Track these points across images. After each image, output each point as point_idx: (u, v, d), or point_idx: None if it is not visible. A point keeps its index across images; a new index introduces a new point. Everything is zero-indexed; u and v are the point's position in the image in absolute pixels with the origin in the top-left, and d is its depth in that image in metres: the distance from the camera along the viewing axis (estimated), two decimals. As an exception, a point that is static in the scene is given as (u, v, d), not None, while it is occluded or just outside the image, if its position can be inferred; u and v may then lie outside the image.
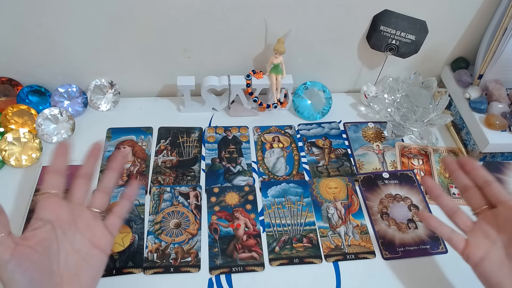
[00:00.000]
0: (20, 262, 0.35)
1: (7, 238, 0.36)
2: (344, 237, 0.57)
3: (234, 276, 0.52)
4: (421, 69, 0.76)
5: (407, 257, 0.55)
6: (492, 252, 0.42)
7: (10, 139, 0.61)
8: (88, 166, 0.45)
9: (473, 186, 0.46)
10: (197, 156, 0.66)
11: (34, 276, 0.36)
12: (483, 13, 0.67)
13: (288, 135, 0.70)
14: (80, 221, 0.42)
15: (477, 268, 0.42)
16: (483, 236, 0.43)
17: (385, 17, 0.66)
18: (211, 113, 0.73)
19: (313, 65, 0.74)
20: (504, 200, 0.43)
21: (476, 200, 0.45)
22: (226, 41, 0.68)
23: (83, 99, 0.71)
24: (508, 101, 0.67)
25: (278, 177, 0.64)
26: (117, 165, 0.47)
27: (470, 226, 0.45)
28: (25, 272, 0.35)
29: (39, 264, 0.37)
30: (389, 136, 0.71)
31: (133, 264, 0.52)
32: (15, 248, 0.36)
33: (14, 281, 0.35)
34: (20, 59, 0.66)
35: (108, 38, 0.65)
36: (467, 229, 0.45)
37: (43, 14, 0.60)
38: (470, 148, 0.68)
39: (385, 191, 0.63)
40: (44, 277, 0.37)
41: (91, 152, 0.45)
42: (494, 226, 0.43)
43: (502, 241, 0.42)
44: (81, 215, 0.42)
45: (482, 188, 0.45)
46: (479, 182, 0.45)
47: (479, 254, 0.42)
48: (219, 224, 0.57)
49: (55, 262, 0.39)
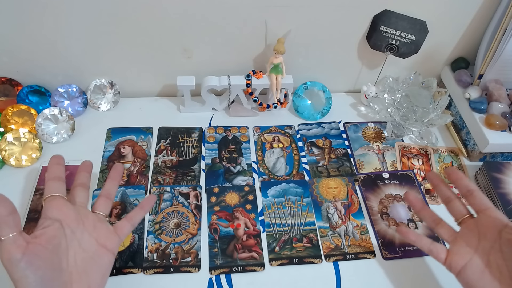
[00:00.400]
0: (32, 260, 0.36)
1: (19, 236, 0.37)
2: (344, 237, 0.57)
3: (234, 276, 0.52)
4: (421, 69, 0.76)
5: (407, 257, 0.55)
6: (474, 260, 0.43)
7: (10, 139, 0.61)
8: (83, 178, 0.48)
9: (455, 198, 0.47)
10: (197, 156, 0.66)
11: (45, 274, 0.37)
12: (483, 13, 0.67)
13: (288, 135, 0.70)
14: (87, 221, 0.43)
15: (460, 276, 0.43)
16: (465, 244, 0.44)
17: (385, 17, 0.66)
18: (211, 113, 0.73)
19: (313, 65, 0.74)
20: (484, 208, 0.44)
21: (458, 210, 0.47)
22: (226, 41, 0.68)
23: (83, 99, 0.71)
24: (508, 101, 0.67)
25: (278, 177, 0.64)
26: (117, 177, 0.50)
27: (453, 236, 0.46)
28: (36, 270, 0.36)
29: (50, 262, 0.38)
30: (389, 136, 0.71)
31: (133, 264, 0.52)
32: (26, 246, 0.37)
33: (26, 279, 0.36)
34: (20, 59, 0.66)
35: (108, 38, 0.65)
36: (450, 239, 0.46)
37: (43, 14, 0.60)
38: (470, 148, 0.68)
39: (385, 191, 0.63)
40: (54, 275, 0.38)
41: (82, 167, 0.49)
42: (476, 234, 0.44)
43: (483, 249, 0.43)
44: (86, 216, 0.44)
45: (465, 197, 0.46)
46: (463, 191, 0.47)
47: (461, 263, 0.43)
48: (219, 224, 0.57)
49: (65, 260, 0.40)
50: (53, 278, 0.38)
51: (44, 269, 0.37)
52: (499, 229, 0.42)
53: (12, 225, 0.37)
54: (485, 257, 0.42)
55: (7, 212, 0.37)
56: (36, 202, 0.57)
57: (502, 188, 0.60)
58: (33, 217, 0.55)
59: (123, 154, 0.65)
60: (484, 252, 0.42)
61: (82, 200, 0.45)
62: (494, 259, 0.41)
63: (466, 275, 0.42)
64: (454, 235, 0.46)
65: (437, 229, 0.48)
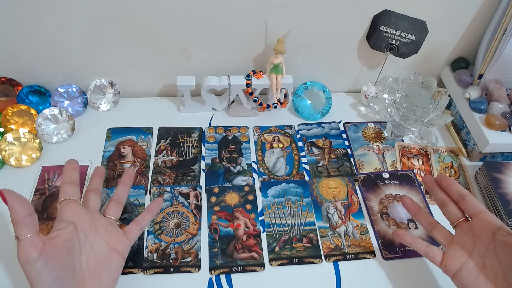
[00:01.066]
0: (48, 260, 0.38)
1: (36, 237, 0.38)
2: (344, 237, 0.57)
3: (234, 276, 0.52)
4: (421, 69, 0.76)
5: (407, 257, 0.55)
6: (469, 262, 0.43)
7: (10, 139, 0.61)
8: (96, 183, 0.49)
9: (450, 201, 0.48)
10: (197, 156, 0.66)
11: (60, 274, 0.38)
12: (483, 13, 0.67)
13: (288, 135, 0.70)
14: (99, 225, 0.45)
15: (455, 278, 0.44)
16: (460, 247, 0.45)
17: (385, 17, 0.66)
18: (211, 113, 0.73)
19: (313, 65, 0.74)
20: (477, 212, 0.45)
21: (453, 213, 0.47)
22: (226, 41, 0.68)
23: (83, 99, 0.71)
24: (508, 101, 0.67)
25: (278, 177, 0.64)
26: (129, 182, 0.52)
27: (449, 239, 0.47)
28: (52, 270, 0.37)
29: (65, 263, 0.39)
30: (389, 136, 0.71)
31: (133, 264, 0.52)
32: (43, 247, 0.38)
33: (41, 278, 0.37)
34: (21, 59, 0.66)
35: (108, 38, 0.65)
36: (445, 242, 0.47)
37: (43, 14, 0.60)
38: (470, 148, 0.68)
39: (385, 191, 0.63)
40: (68, 276, 0.39)
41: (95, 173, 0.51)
42: (471, 237, 0.44)
43: (478, 251, 0.43)
44: (99, 220, 0.45)
45: (458, 202, 0.47)
46: (455, 197, 0.47)
47: (456, 265, 0.44)
48: (219, 224, 0.57)
49: (78, 263, 0.41)
50: (67, 279, 0.39)
51: (59, 269, 0.38)
52: (493, 231, 0.43)
53: (30, 225, 0.38)
54: (480, 259, 0.43)
55: (26, 213, 0.38)
56: (36, 202, 0.57)
57: (502, 188, 0.60)
58: (33, 217, 0.55)
59: (123, 154, 0.65)
60: (479, 254, 0.43)
61: (95, 204, 0.47)
62: (489, 261, 0.42)
63: (461, 277, 0.43)
64: (449, 238, 0.47)
65: (432, 233, 0.49)
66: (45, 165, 0.61)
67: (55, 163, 0.62)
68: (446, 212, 0.48)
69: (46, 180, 0.60)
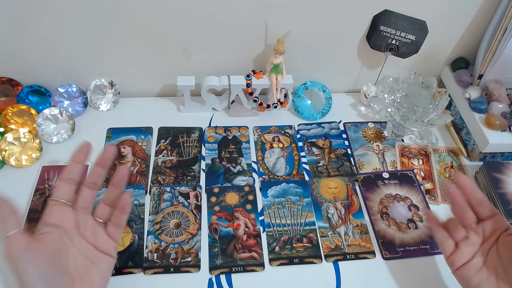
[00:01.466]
0: (34, 256, 0.38)
1: (21, 235, 0.38)
2: (344, 237, 0.57)
3: (234, 276, 0.52)
4: (421, 69, 0.76)
5: (407, 257, 0.55)
6: (474, 259, 0.45)
7: (10, 139, 0.61)
8: (94, 176, 0.45)
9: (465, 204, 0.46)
10: (197, 156, 0.66)
11: (47, 271, 0.38)
12: (483, 13, 0.67)
13: (288, 135, 0.70)
14: (85, 228, 0.44)
15: (457, 272, 0.45)
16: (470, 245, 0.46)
17: (385, 17, 0.66)
18: (211, 113, 0.73)
19: (313, 65, 0.74)
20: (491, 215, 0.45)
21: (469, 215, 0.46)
22: (226, 41, 0.68)
23: (83, 99, 0.71)
24: (508, 101, 0.67)
25: (278, 177, 0.64)
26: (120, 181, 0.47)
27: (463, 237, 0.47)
28: (38, 266, 0.37)
29: (52, 261, 0.39)
30: (389, 136, 0.71)
31: (133, 264, 0.52)
32: (28, 244, 0.38)
33: (28, 274, 0.37)
34: (21, 59, 0.66)
35: (108, 38, 0.65)
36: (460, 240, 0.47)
37: (43, 14, 0.60)
38: (470, 148, 0.68)
39: (385, 191, 0.63)
40: (56, 274, 0.39)
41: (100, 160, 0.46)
42: (481, 237, 0.46)
43: (482, 249, 0.45)
44: (85, 223, 0.44)
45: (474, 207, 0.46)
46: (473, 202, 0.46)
47: (462, 261, 0.45)
48: (219, 224, 0.57)
49: (65, 263, 0.41)
50: (54, 277, 0.39)
51: (46, 266, 0.38)
52: (500, 233, 0.45)
53: (14, 223, 0.38)
54: (483, 257, 0.45)
55: (9, 212, 0.39)
56: (36, 202, 0.57)
57: (502, 188, 0.60)
58: (33, 217, 0.55)
59: (123, 154, 0.65)
60: (483, 252, 0.45)
61: (85, 204, 0.45)
62: (491, 259, 0.44)
63: (463, 272, 0.45)
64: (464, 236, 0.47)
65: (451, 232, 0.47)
66: (45, 165, 0.61)
67: (55, 163, 0.62)
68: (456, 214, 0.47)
69: (46, 180, 0.60)
